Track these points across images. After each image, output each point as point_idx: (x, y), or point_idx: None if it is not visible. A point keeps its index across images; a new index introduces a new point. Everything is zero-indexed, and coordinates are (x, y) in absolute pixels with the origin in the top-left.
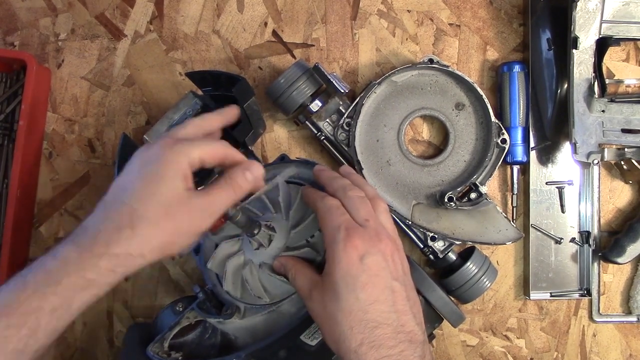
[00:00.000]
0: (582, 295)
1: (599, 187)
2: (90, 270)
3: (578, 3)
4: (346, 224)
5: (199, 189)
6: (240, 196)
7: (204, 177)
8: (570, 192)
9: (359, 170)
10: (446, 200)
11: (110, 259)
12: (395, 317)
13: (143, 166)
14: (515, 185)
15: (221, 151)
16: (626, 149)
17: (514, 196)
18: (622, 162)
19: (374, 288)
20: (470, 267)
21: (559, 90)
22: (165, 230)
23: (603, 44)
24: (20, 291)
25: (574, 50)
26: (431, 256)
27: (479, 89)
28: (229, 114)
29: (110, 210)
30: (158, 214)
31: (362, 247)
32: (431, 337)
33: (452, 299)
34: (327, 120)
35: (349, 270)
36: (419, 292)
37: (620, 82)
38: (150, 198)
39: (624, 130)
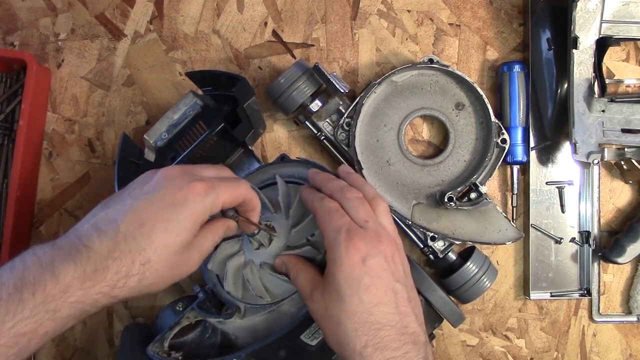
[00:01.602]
0: (582, 295)
1: (599, 187)
2: (88, 304)
3: (578, 3)
4: (347, 226)
5: None
6: (218, 242)
7: None
8: (570, 192)
9: (359, 170)
10: (446, 200)
11: (109, 299)
12: (398, 318)
13: (167, 206)
14: (515, 185)
15: (242, 195)
16: (626, 149)
17: (514, 196)
18: (622, 162)
19: (377, 290)
20: (470, 267)
21: (559, 90)
22: (163, 278)
23: (603, 44)
24: (18, 310)
25: (574, 50)
26: (431, 256)
27: (479, 89)
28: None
29: (122, 246)
30: (164, 266)
31: (364, 248)
32: (431, 337)
33: (452, 299)
34: (327, 120)
35: (351, 272)
36: (419, 292)
37: (620, 82)
38: (165, 250)
39: (624, 130)
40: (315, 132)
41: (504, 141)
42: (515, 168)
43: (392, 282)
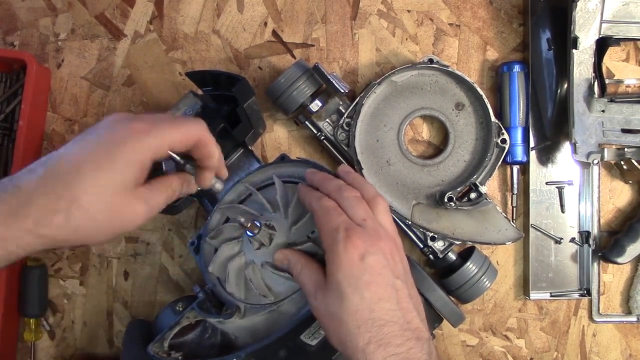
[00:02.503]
0: (582, 295)
1: (598, 187)
2: (12, 242)
3: (578, 3)
4: (345, 225)
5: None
6: (174, 198)
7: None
8: (570, 192)
9: (359, 170)
10: (446, 200)
11: (35, 238)
12: (400, 314)
13: (103, 145)
14: (515, 185)
15: (193, 136)
16: (626, 149)
17: (514, 196)
18: (622, 162)
19: (378, 287)
20: (470, 267)
21: (559, 90)
22: (98, 224)
23: (603, 44)
24: None
25: (574, 50)
26: (431, 256)
27: (479, 89)
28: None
29: (51, 182)
30: (97, 209)
31: (363, 246)
32: (431, 337)
33: (452, 299)
34: (327, 120)
35: (351, 270)
36: (419, 292)
37: (620, 82)
38: (96, 190)
39: (624, 130)
40: (315, 132)
41: (503, 141)
42: (515, 168)
43: (392, 278)
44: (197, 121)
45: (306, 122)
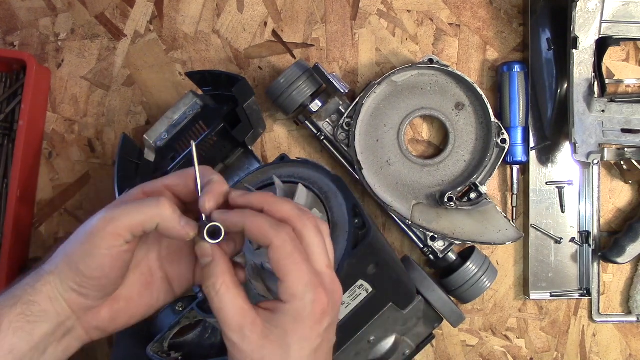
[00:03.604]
0: (582, 295)
1: (598, 187)
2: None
3: (578, 3)
4: (314, 279)
5: None
6: (154, 222)
7: None
8: (570, 192)
9: (359, 170)
10: (446, 200)
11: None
12: None
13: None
14: (515, 185)
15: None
16: (626, 149)
17: (514, 196)
18: (622, 162)
19: (322, 355)
20: (470, 267)
21: (559, 90)
22: (71, 249)
23: (603, 44)
24: None
25: (574, 50)
26: (431, 256)
27: (479, 89)
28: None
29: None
30: (67, 242)
31: (327, 310)
32: (431, 337)
33: (452, 299)
34: (327, 120)
35: (310, 334)
36: (419, 292)
37: (620, 82)
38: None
39: (624, 130)
40: (315, 132)
41: (503, 141)
42: (515, 168)
43: (332, 342)
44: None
45: (306, 122)
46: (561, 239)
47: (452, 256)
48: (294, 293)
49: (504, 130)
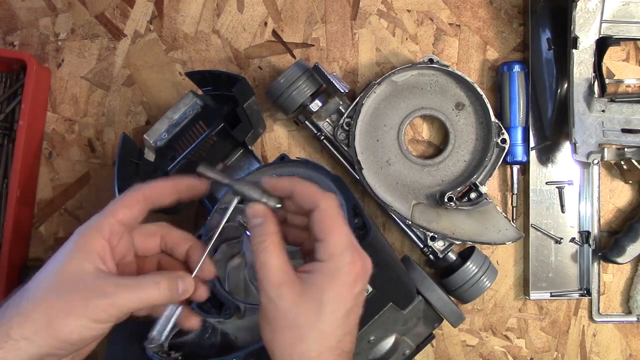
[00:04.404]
0: (582, 295)
1: (599, 187)
2: None
3: (578, 3)
4: (353, 241)
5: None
6: (156, 302)
7: None
8: (570, 192)
9: (359, 170)
10: (446, 200)
11: None
12: (352, 347)
13: (57, 254)
14: (515, 185)
15: (136, 195)
16: (626, 149)
17: (514, 196)
18: (622, 162)
19: (355, 317)
20: (470, 267)
21: (559, 90)
22: (54, 308)
23: (603, 44)
24: None
25: (574, 50)
26: (431, 256)
27: (479, 89)
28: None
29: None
30: (47, 292)
31: (361, 273)
32: (431, 337)
33: (452, 299)
34: (327, 120)
35: (344, 294)
36: (419, 292)
37: (620, 82)
38: (44, 276)
39: (624, 130)
40: (315, 132)
41: (504, 141)
42: (515, 168)
43: (361, 309)
44: (134, 190)
45: (306, 122)
46: (561, 239)
47: (452, 256)
48: (334, 252)
49: (504, 130)
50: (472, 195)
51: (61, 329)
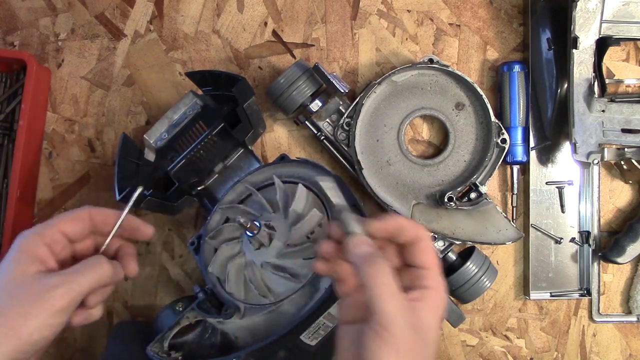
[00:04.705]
0: (582, 295)
1: (599, 187)
2: None
3: (578, 3)
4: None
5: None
6: (104, 278)
7: None
8: (570, 192)
9: (359, 170)
10: (446, 200)
11: None
12: None
13: (3, 261)
14: (515, 185)
15: (82, 214)
16: (626, 149)
17: (514, 196)
18: (622, 162)
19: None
20: (470, 267)
21: (559, 90)
22: (9, 315)
23: (603, 44)
24: None
25: (574, 50)
26: None
27: (479, 89)
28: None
29: None
30: (0, 301)
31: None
32: None
33: (452, 299)
34: (327, 120)
35: (440, 312)
36: None
37: (620, 82)
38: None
39: (624, 130)
40: (315, 132)
41: (504, 141)
42: (515, 168)
43: None
44: (83, 207)
45: (306, 122)
46: (561, 239)
47: (452, 256)
48: (438, 282)
49: (504, 130)
50: (472, 195)
51: (22, 332)
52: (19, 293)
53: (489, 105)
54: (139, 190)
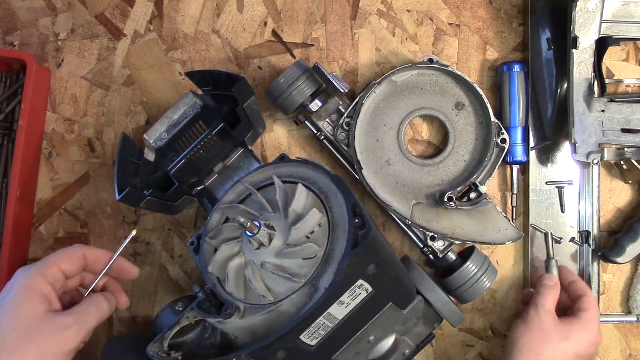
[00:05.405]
0: None
1: (598, 187)
2: None
3: (578, 3)
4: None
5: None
6: (106, 315)
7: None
8: (570, 192)
9: (359, 170)
10: (446, 200)
11: None
12: None
13: (3, 298)
14: (515, 185)
15: (78, 253)
16: (626, 149)
17: (514, 196)
18: (622, 162)
19: None
20: (470, 267)
21: (559, 90)
22: (28, 354)
23: (603, 44)
24: None
25: (574, 50)
26: (431, 256)
27: (479, 89)
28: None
29: None
30: (16, 341)
31: (598, 344)
32: (431, 337)
33: (452, 299)
34: (327, 120)
35: (585, 342)
36: (418, 292)
37: (620, 82)
38: (8, 327)
39: (624, 130)
40: (315, 132)
41: (504, 141)
42: (515, 168)
43: None
44: (74, 245)
45: (306, 122)
46: (561, 239)
47: (452, 256)
48: (592, 305)
49: (504, 130)
50: (472, 195)
51: None
52: (34, 333)
53: (489, 105)
54: (133, 233)
